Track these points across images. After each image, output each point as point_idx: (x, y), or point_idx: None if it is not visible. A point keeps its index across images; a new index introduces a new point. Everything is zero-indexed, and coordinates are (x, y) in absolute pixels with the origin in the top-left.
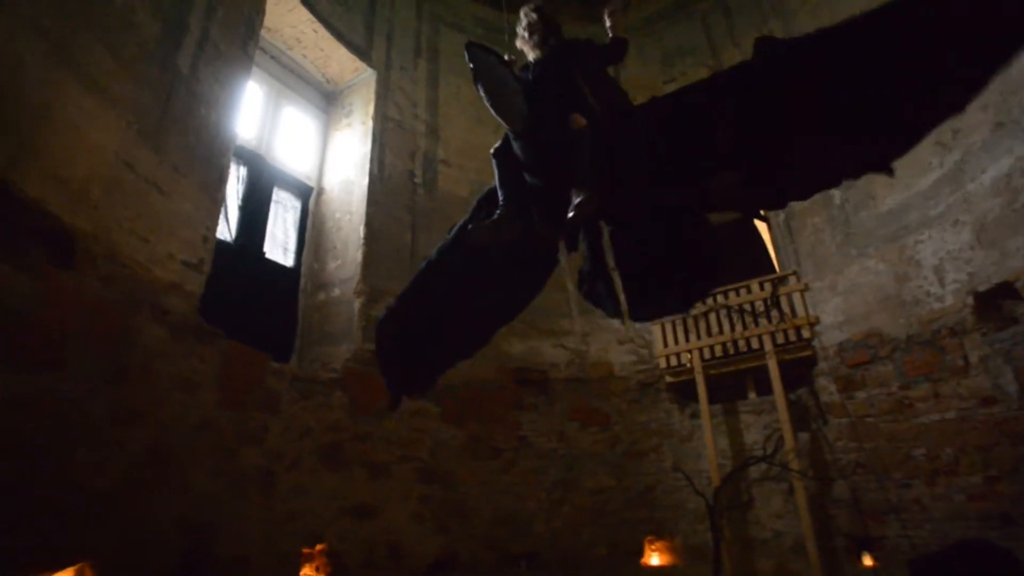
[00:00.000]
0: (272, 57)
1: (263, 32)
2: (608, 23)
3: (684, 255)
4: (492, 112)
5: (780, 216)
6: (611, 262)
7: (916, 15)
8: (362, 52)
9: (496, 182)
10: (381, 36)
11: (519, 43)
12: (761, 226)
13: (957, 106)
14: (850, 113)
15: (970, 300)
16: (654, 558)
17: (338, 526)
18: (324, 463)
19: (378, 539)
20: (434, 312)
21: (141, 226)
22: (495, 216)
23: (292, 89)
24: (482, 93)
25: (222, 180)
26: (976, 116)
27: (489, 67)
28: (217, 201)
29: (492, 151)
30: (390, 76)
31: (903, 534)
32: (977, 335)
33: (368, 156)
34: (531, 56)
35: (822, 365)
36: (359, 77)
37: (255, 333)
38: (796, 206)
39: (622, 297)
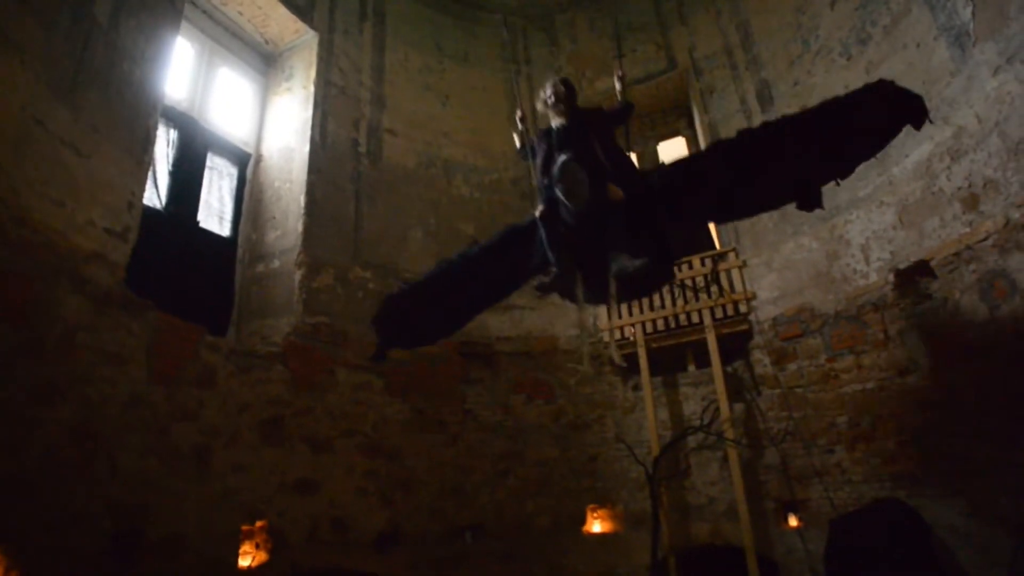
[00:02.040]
0: (204, 12)
1: None
2: (618, 87)
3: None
4: (563, 198)
5: None
6: (612, 290)
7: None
8: (303, 12)
9: (546, 243)
10: None
11: (540, 106)
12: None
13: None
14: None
15: (891, 277)
16: (596, 525)
17: (279, 502)
18: (264, 439)
19: (321, 514)
20: (435, 298)
21: (56, 190)
22: (554, 275)
23: (227, 49)
24: (561, 187)
25: (149, 142)
26: None
27: (576, 176)
28: (143, 165)
29: (538, 215)
30: (334, 39)
31: (825, 496)
32: (896, 310)
33: (310, 123)
34: (554, 122)
35: (757, 339)
36: (300, 39)
37: (189, 305)
38: None
39: (612, 289)
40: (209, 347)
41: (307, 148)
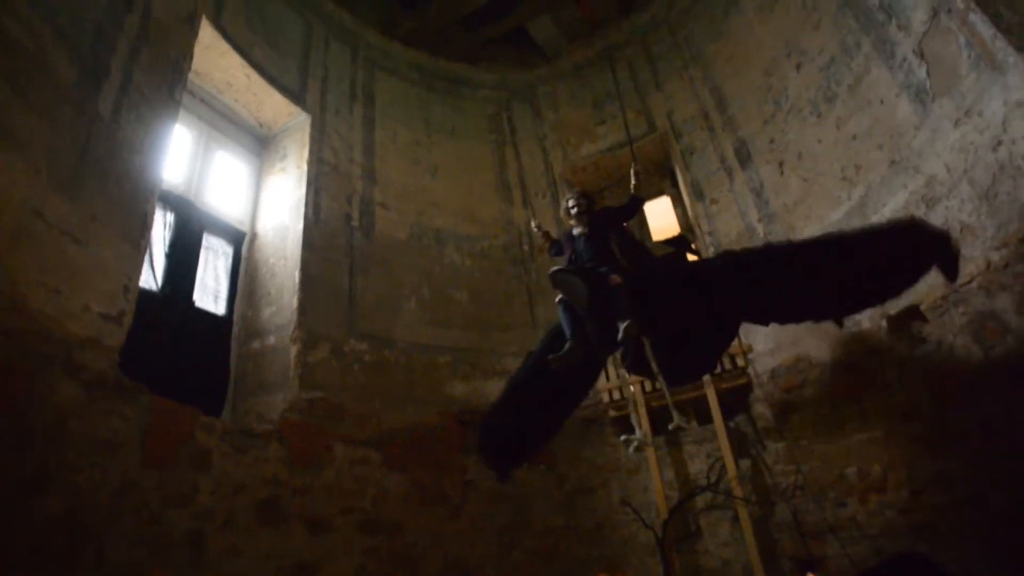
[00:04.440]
0: (202, 100)
1: (192, 76)
2: (633, 181)
3: (706, 334)
4: (565, 297)
5: (710, 249)
6: (655, 367)
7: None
8: (296, 96)
9: (563, 323)
10: (316, 80)
11: (563, 214)
12: (692, 259)
13: (889, 296)
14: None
15: (884, 323)
16: None
17: None
18: (260, 520)
19: None
20: (521, 412)
21: (52, 278)
22: (566, 348)
23: (223, 133)
24: (560, 293)
25: (146, 227)
26: (874, 155)
27: (567, 281)
28: (140, 249)
29: (558, 300)
30: (325, 120)
31: (843, 552)
32: (893, 355)
33: (303, 200)
34: (575, 230)
35: (757, 392)
36: (293, 121)
37: (184, 386)
38: (723, 239)
39: (663, 384)
40: (204, 428)
41: (301, 225)
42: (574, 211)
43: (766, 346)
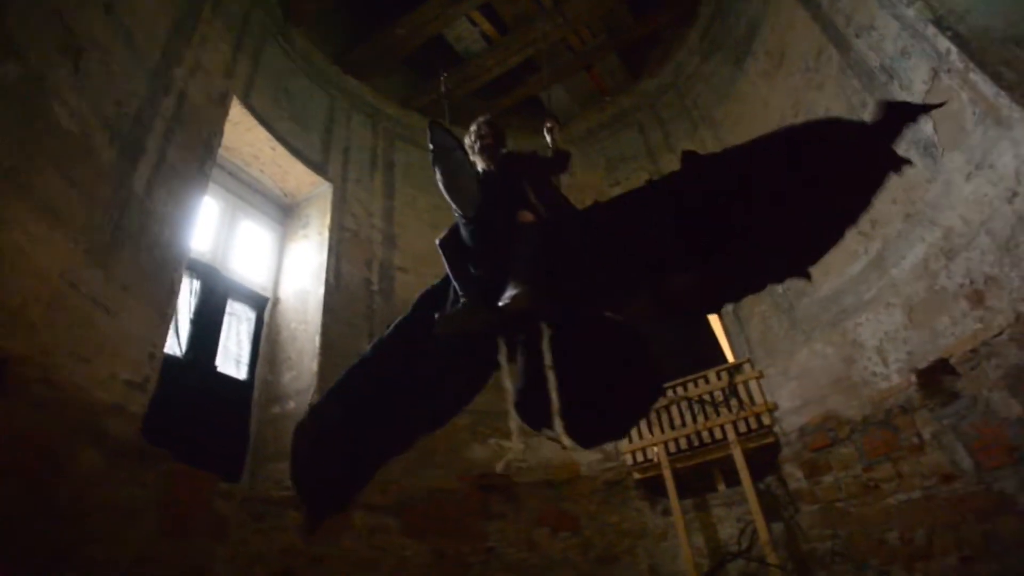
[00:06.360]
0: (229, 173)
1: (221, 151)
2: (548, 138)
3: (627, 376)
4: (445, 194)
5: (729, 306)
6: (548, 360)
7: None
8: (319, 167)
9: (449, 273)
10: (338, 151)
11: (467, 149)
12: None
13: (850, 221)
14: (764, 221)
15: (913, 378)
16: None
17: None
18: None
19: None
20: (362, 414)
21: (82, 347)
22: (460, 307)
23: (249, 203)
24: (438, 174)
25: (172, 295)
26: (888, 209)
27: (448, 150)
28: (166, 316)
29: (438, 241)
30: (347, 188)
31: None
32: (926, 411)
33: (324, 266)
34: (480, 166)
35: (786, 451)
36: (316, 190)
37: (204, 452)
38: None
39: (556, 406)
40: (222, 495)
41: (322, 290)
42: (476, 146)
43: (792, 403)
